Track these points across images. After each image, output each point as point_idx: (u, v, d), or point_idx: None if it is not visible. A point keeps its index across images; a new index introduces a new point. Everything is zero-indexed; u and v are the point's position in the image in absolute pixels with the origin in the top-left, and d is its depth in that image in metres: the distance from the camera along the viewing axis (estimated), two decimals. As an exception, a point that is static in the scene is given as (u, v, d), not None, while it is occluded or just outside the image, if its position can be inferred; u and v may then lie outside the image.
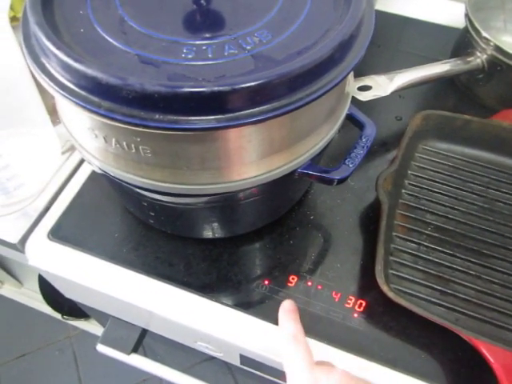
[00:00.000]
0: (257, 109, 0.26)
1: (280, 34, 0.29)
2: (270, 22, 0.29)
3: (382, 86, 0.44)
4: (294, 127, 0.30)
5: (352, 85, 0.37)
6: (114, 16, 0.30)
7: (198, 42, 0.28)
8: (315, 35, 0.29)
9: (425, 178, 0.44)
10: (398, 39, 0.61)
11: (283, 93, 0.26)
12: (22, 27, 0.30)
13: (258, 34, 0.28)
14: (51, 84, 0.28)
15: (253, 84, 0.25)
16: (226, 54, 0.27)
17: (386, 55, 0.59)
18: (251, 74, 0.26)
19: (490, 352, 0.32)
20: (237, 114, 0.26)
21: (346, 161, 0.33)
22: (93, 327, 1.10)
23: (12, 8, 0.51)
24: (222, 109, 0.25)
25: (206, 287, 0.41)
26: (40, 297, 1.03)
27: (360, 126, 0.36)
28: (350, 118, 0.36)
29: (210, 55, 0.27)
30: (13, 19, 0.51)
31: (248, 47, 0.28)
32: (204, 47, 0.28)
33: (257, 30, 0.29)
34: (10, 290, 1.09)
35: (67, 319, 1.07)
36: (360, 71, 0.48)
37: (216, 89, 0.24)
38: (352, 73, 0.37)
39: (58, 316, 1.07)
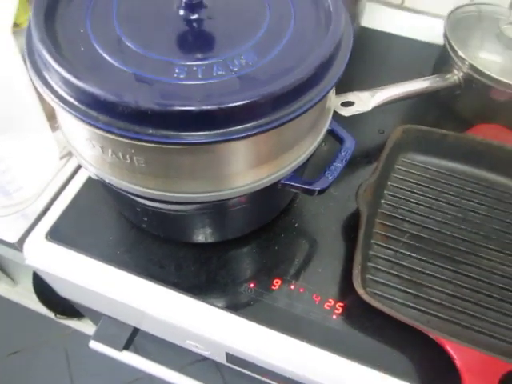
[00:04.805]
0: (242, 126, 0.28)
1: (265, 56, 0.31)
2: (256, 44, 0.32)
3: (364, 101, 0.47)
4: (277, 142, 0.33)
5: (334, 101, 0.40)
6: (112, 35, 0.32)
7: (189, 63, 0.30)
8: (297, 57, 0.31)
9: (403, 189, 0.47)
10: (384, 55, 0.64)
11: (266, 111, 0.29)
12: (25, 43, 0.32)
13: (244, 56, 0.31)
14: (53, 97, 0.30)
15: (237, 104, 0.27)
16: (214, 74, 0.30)
17: (372, 71, 0.61)
18: (236, 94, 0.28)
19: (453, 349, 0.35)
20: (223, 130, 0.28)
21: (326, 173, 0.36)
22: (85, 327, 1.11)
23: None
24: (210, 125, 0.28)
25: (195, 288, 0.43)
26: (34, 296, 1.04)
27: (340, 140, 0.38)
28: (331, 132, 0.38)
29: (199, 75, 0.30)
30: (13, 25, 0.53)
31: (235, 69, 0.30)
32: (194, 68, 0.30)
33: (243, 52, 0.31)
34: (4, 289, 1.11)
35: (60, 318, 1.09)
36: (347, 86, 0.50)
37: (204, 108, 0.27)
38: (333, 90, 0.40)
39: (51, 315, 1.08)
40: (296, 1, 0.35)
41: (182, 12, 0.33)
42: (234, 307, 0.42)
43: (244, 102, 0.27)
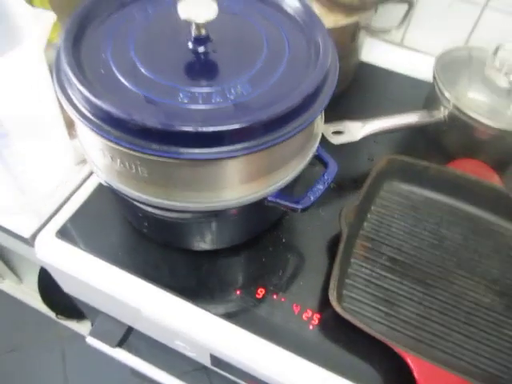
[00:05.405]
0: (233, 147, 0.33)
1: (258, 88, 0.36)
2: (252, 76, 0.36)
3: (353, 132, 0.51)
4: (265, 163, 0.37)
5: (322, 128, 0.44)
6: (128, 61, 0.37)
7: (192, 90, 0.35)
8: (287, 89, 0.35)
9: (385, 214, 0.51)
10: (379, 89, 0.68)
11: (255, 135, 0.33)
12: (54, 62, 0.37)
13: (240, 86, 0.35)
14: (74, 112, 0.34)
15: (230, 127, 0.32)
16: (213, 101, 0.34)
17: (367, 102, 0.66)
18: (230, 119, 0.32)
19: (413, 362, 0.38)
20: (217, 149, 0.33)
21: (308, 193, 0.40)
22: (83, 329, 1.15)
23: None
24: (206, 144, 0.32)
25: (186, 291, 0.46)
26: (37, 295, 1.08)
27: (325, 164, 0.42)
28: (316, 156, 0.43)
29: (200, 101, 0.34)
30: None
31: (231, 97, 0.35)
32: (196, 94, 0.34)
33: (240, 83, 0.36)
34: (9, 286, 1.15)
35: (60, 319, 1.13)
36: (341, 115, 0.54)
37: (200, 129, 0.31)
38: (322, 118, 0.44)
39: (51, 315, 1.12)
40: (291, 39, 0.40)
41: (190, 45, 0.38)
42: (220, 311, 0.45)
43: (236, 126, 0.32)
